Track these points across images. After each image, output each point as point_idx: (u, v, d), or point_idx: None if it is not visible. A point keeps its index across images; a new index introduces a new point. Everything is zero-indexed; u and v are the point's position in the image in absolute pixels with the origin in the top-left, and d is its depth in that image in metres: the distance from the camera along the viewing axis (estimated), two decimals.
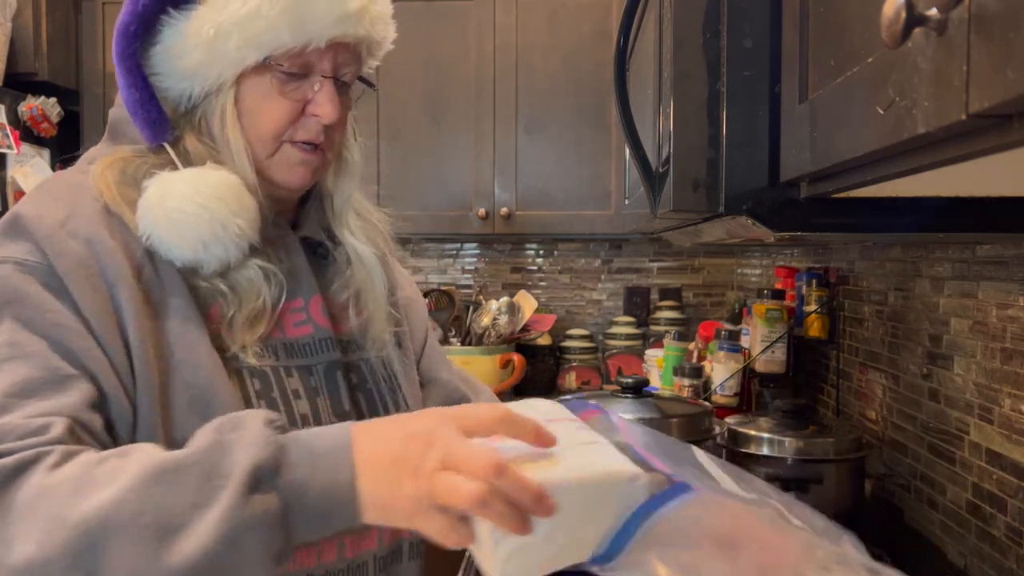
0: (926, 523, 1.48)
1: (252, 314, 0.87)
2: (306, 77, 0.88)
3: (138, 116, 0.87)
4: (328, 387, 0.92)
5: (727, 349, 2.00)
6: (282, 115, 0.88)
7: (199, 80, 0.86)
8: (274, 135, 0.89)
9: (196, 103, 0.88)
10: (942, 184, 0.75)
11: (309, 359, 0.92)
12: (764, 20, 0.87)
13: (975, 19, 0.42)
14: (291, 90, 0.88)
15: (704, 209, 0.94)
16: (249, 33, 0.84)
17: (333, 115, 0.89)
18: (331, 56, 0.89)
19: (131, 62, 0.85)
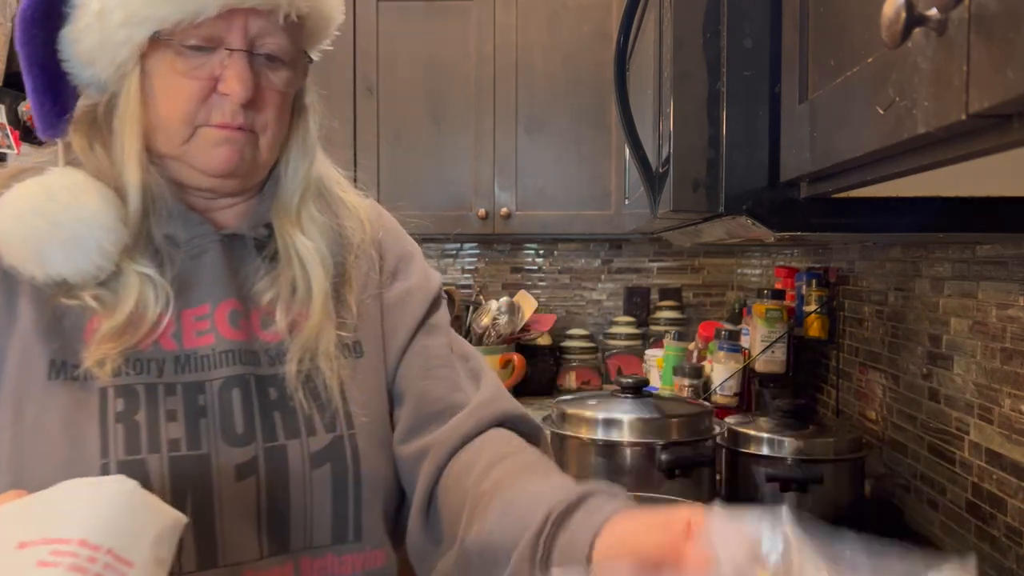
0: (926, 523, 1.48)
1: (121, 325, 0.78)
2: (214, 51, 0.78)
3: (33, 107, 0.80)
4: (221, 406, 0.80)
5: (727, 349, 2.00)
6: (187, 96, 0.78)
7: (101, 65, 0.78)
8: (183, 119, 0.79)
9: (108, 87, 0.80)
10: (942, 184, 0.76)
11: (203, 374, 0.81)
12: (764, 20, 0.87)
13: (975, 19, 0.42)
14: (195, 67, 0.78)
15: (704, 209, 0.94)
16: (131, 7, 0.75)
17: (243, 93, 0.78)
18: (240, 26, 0.78)
19: (29, 48, 0.78)
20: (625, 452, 1.44)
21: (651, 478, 1.42)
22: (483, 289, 3.01)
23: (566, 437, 1.51)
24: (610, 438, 1.45)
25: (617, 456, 1.44)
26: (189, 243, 0.84)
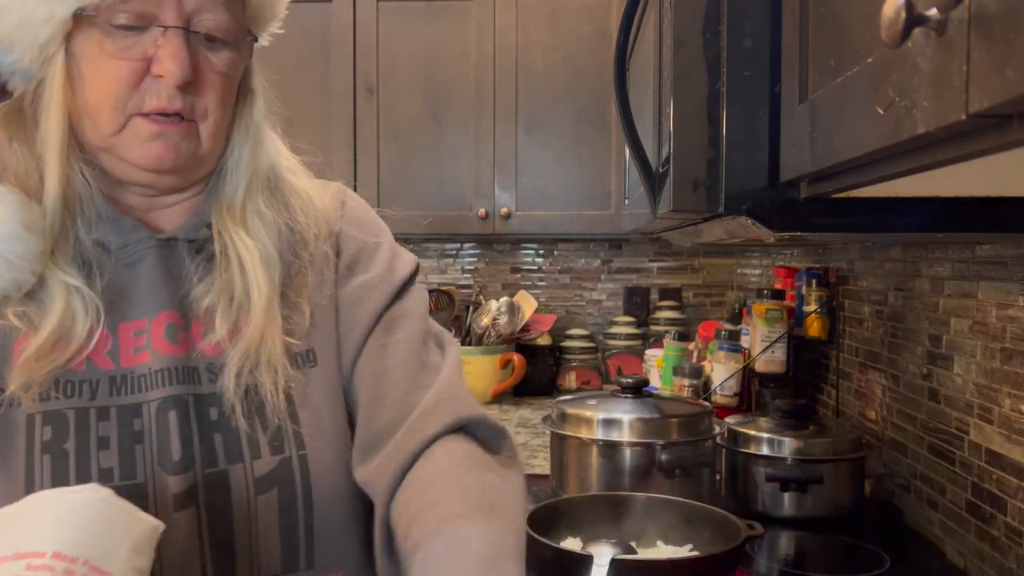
0: (926, 523, 1.48)
1: (48, 343, 0.71)
2: (146, 30, 0.71)
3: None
4: (157, 430, 0.73)
5: (727, 349, 2.00)
6: (117, 78, 0.71)
7: (21, 48, 0.70)
8: (113, 105, 0.72)
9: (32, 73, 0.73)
10: (942, 184, 0.76)
11: (140, 395, 0.74)
12: (764, 20, 0.87)
13: (975, 19, 0.42)
14: (125, 47, 0.71)
15: (704, 209, 0.94)
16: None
17: (179, 73, 0.71)
18: (174, 1, 0.71)
19: None
20: (625, 452, 1.44)
21: (651, 478, 1.42)
22: (483, 289, 3.01)
23: (566, 437, 1.51)
24: (610, 438, 1.45)
25: (617, 456, 1.44)
26: (122, 250, 0.76)
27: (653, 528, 1.22)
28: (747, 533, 1.13)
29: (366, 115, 2.64)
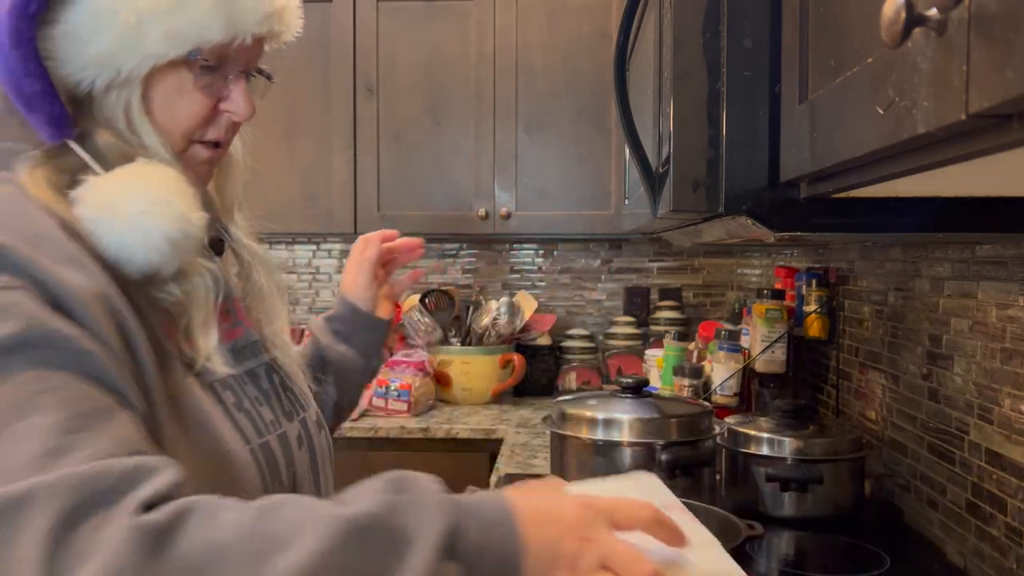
0: (926, 523, 1.48)
1: (204, 321, 0.81)
2: (218, 71, 0.82)
3: (37, 111, 0.76)
4: (272, 390, 0.91)
5: (727, 349, 2.00)
6: (198, 112, 0.82)
7: (107, 69, 0.77)
8: (186, 133, 0.83)
9: (93, 93, 0.79)
10: (942, 184, 0.76)
11: (251, 363, 0.90)
12: (764, 20, 0.87)
13: (975, 19, 0.42)
14: (206, 85, 0.81)
15: (704, 209, 0.94)
16: (174, 25, 0.76)
17: (248, 113, 0.84)
18: (247, 53, 0.83)
19: (30, 48, 0.74)
20: (625, 452, 1.44)
21: None
22: (483, 289, 3.01)
23: (566, 437, 1.51)
24: (610, 438, 1.45)
25: (617, 456, 1.44)
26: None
27: None
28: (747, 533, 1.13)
29: (366, 115, 2.64)
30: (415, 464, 2.50)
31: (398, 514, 0.60)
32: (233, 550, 0.56)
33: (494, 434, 2.34)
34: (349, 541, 0.58)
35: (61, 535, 0.54)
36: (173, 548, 0.55)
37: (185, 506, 0.58)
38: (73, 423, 0.61)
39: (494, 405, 2.69)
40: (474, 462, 2.33)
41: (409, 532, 0.60)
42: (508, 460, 2.01)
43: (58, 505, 0.55)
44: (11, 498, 0.55)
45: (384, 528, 0.60)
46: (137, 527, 0.55)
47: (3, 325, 0.63)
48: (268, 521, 0.59)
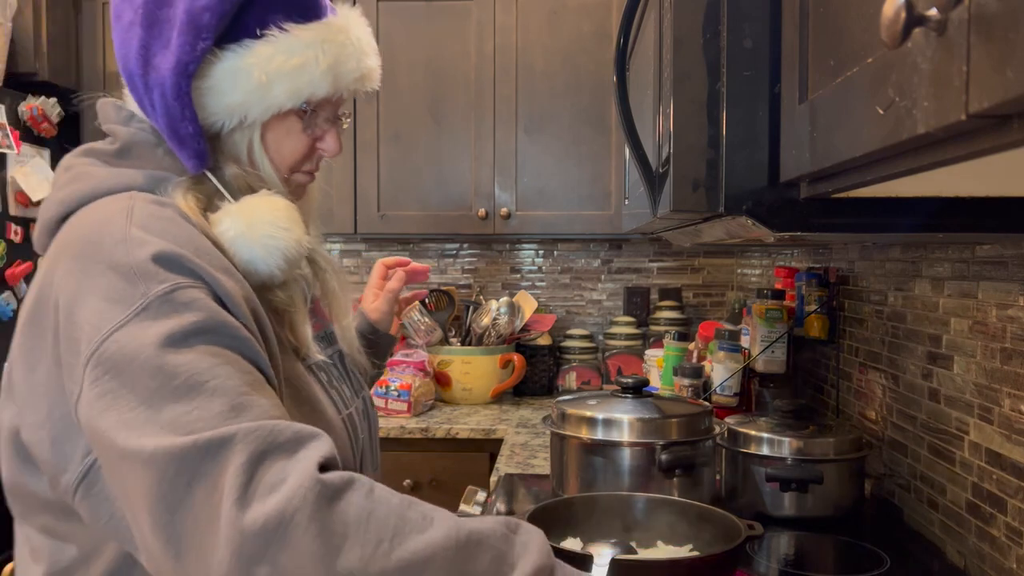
0: (926, 523, 1.48)
1: (303, 317, 1.02)
2: (316, 115, 1.02)
3: (187, 147, 0.93)
4: (344, 372, 1.14)
5: (727, 349, 2.00)
6: (300, 150, 1.02)
7: (237, 115, 0.96)
8: (292, 166, 1.03)
9: (222, 134, 0.98)
10: (942, 184, 0.76)
11: (329, 350, 1.11)
12: (764, 20, 0.87)
13: (975, 19, 0.42)
14: (307, 127, 1.02)
15: (704, 209, 0.94)
16: (296, 83, 0.96)
17: (337, 151, 1.05)
18: (340, 103, 1.05)
19: (187, 99, 0.92)
20: (625, 452, 1.44)
21: (651, 478, 1.42)
22: (483, 289, 3.01)
23: (566, 437, 1.51)
24: (610, 438, 1.45)
25: (617, 456, 1.44)
26: None
27: (653, 528, 1.22)
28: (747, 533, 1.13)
29: (366, 115, 2.64)
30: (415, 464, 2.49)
31: (507, 543, 0.77)
32: (381, 521, 0.73)
33: (494, 434, 2.34)
34: (466, 547, 0.74)
35: (252, 469, 0.72)
36: (339, 504, 0.73)
37: (353, 477, 0.76)
38: (244, 389, 0.79)
39: (494, 405, 2.69)
40: (474, 462, 2.33)
41: (513, 559, 0.76)
42: (508, 460, 2.01)
43: (251, 447, 0.73)
44: (218, 438, 0.74)
45: (494, 548, 0.76)
46: (319, 480, 0.72)
47: (190, 314, 0.81)
48: (410, 508, 0.76)
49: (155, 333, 0.78)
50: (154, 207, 0.89)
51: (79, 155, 0.97)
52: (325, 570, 0.70)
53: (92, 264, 0.83)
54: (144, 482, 0.73)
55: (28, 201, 2.51)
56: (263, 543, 0.69)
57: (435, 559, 0.72)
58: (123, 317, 0.79)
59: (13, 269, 2.47)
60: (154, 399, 0.76)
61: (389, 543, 0.72)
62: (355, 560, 0.71)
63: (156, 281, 0.81)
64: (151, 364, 0.77)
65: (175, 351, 0.78)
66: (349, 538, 0.71)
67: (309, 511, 0.71)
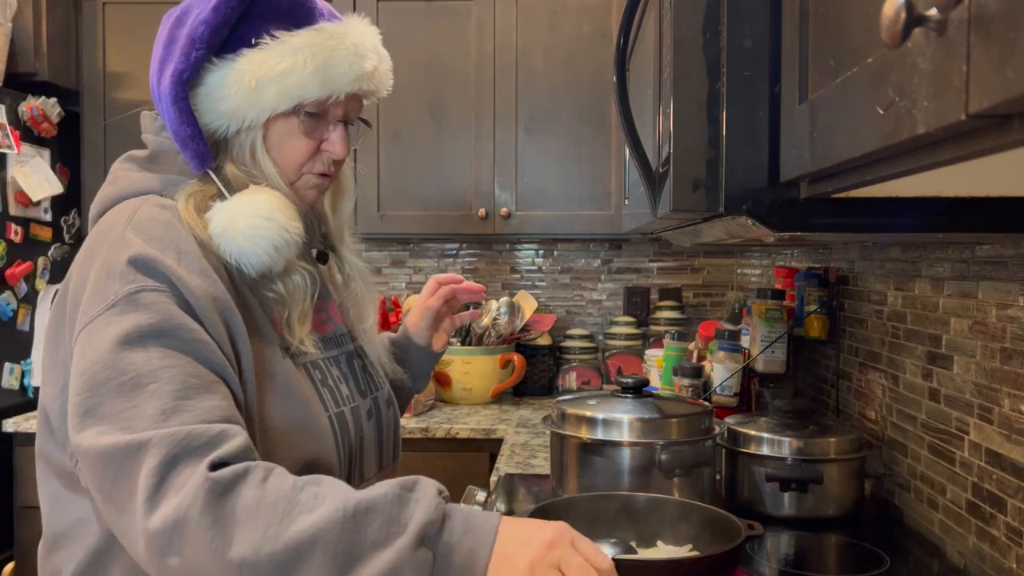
0: (926, 523, 1.48)
1: (301, 314, 1.05)
2: (323, 119, 1.06)
3: (188, 149, 1.01)
4: (351, 373, 1.17)
5: (727, 349, 2.00)
6: (303, 151, 1.06)
7: (235, 119, 1.02)
8: (297, 167, 1.07)
9: (228, 137, 1.04)
10: (942, 184, 0.76)
11: (336, 350, 1.16)
12: (764, 20, 0.87)
13: (975, 19, 0.42)
14: (310, 131, 1.06)
15: (704, 209, 0.94)
16: (284, 86, 1.00)
17: (344, 154, 1.09)
18: (344, 105, 1.07)
19: (184, 103, 1.00)
20: (625, 452, 1.44)
21: (651, 478, 1.42)
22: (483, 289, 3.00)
23: (566, 437, 1.51)
24: (610, 438, 1.45)
25: (617, 456, 1.44)
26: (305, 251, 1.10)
27: (653, 528, 1.21)
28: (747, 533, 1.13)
29: (366, 115, 2.63)
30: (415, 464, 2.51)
31: (400, 503, 0.82)
32: (270, 508, 0.79)
33: (494, 434, 2.34)
34: (354, 517, 0.80)
35: (163, 473, 0.80)
36: (230, 497, 0.80)
37: (245, 469, 0.82)
38: (183, 392, 0.85)
39: (494, 405, 2.69)
40: (474, 462, 2.33)
41: (405, 519, 0.81)
42: (508, 460, 2.01)
43: (164, 452, 0.80)
44: (136, 441, 0.81)
45: (384, 512, 0.81)
46: (207, 478, 0.79)
47: (147, 316, 0.88)
48: (303, 490, 0.81)
49: (114, 331, 0.86)
50: (156, 211, 0.98)
51: (121, 160, 1.08)
52: (220, 559, 0.77)
53: (94, 260, 0.94)
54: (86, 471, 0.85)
55: (28, 201, 2.52)
56: (167, 540, 0.78)
57: (322, 534, 0.78)
58: (96, 311, 0.89)
59: (13, 269, 2.47)
60: (100, 392, 0.84)
61: (277, 526, 0.78)
62: (247, 546, 0.77)
63: (126, 282, 0.89)
64: (105, 358, 0.85)
65: (130, 349, 0.86)
66: (239, 527, 0.78)
67: (200, 507, 0.78)
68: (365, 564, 0.79)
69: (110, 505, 0.83)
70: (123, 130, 2.71)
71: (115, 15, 2.71)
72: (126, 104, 2.72)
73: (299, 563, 0.78)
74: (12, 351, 2.51)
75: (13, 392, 2.51)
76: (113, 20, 2.71)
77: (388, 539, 0.80)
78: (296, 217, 1.03)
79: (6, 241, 2.45)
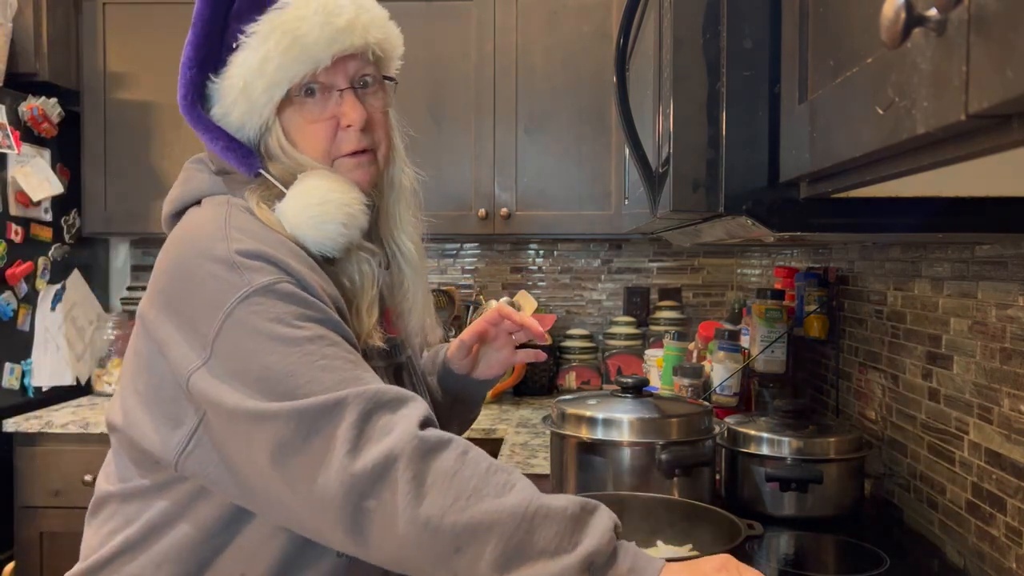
0: (926, 523, 1.48)
1: (370, 303, 1.05)
2: (325, 94, 1.03)
3: (231, 158, 1.03)
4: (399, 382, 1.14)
5: (727, 349, 2.00)
6: (322, 136, 1.04)
7: (248, 125, 1.03)
8: (324, 152, 1.05)
9: (255, 140, 1.05)
10: (942, 184, 0.76)
11: (383, 362, 1.11)
12: (764, 20, 0.87)
13: (975, 19, 0.42)
14: (319, 112, 1.03)
15: (704, 209, 0.94)
16: (266, 76, 0.99)
17: (359, 118, 1.03)
18: (341, 69, 1.03)
19: (203, 123, 1.02)
20: (625, 452, 1.44)
21: (651, 478, 1.42)
22: (483, 289, 3.01)
23: (566, 437, 1.51)
24: (610, 438, 1.45)
25: (617, 456, 1.44)
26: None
27: (653, 528, 1.22)
28: (747, 533, 1.13)
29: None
30: None
31: (577, 523, 0.84)
32: (464, 480, 0.84)
33: (494, 434, 2.34)
34: (534, 518, 0.83)
35: (361, 425, 0.86)
36: (434, 459, 0.85)
37: (451, 438, 0.87)
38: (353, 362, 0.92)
39: (494, 405, 2.69)
40: None
41: (574, 537, 0.83)
42: (508, 460, 2.01)
43: (360, 407, 0.86)
44: (333, 399, 0.87)
45: (561, 525, 0.83)
46: (419, 436, 0.85)
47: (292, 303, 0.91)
48: (496, 474, 0.86)
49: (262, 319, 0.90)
50: (246, 214, 1.01)
51: (192, 161, 1.10)
52: (411, 512, 0.82)
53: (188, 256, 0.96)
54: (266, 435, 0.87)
55: (28, 201, 2.52)
56: (371, 481, 0.83)
57: (501, 522, 0.82)
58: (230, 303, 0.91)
59: (13, 269, 2.47)
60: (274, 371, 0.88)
61: (466, 500, 0.83)
62: (435, 509, 0.82)
63: (257, 273, 0.92)
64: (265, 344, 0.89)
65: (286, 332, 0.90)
66: (434, 489, 0.83)
67: (407, 458, 0.83)
68: (528, 567, 0.81)
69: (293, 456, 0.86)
70: (123, 130, 2.71)
71: (115, 15, 2.71)
72: (126, 104, 2.72)
73: (474, 540, 0.81)
74: (12, 351, 2.51)
75: (13, 392, 2.50)
76: (113, 20, 2.71)
77: (556, 552, 0.82)
78: (351, 189, 1.02)
79: (6, 241, 2.45)
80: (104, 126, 2.71)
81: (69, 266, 2.75)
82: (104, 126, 2.71)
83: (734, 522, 1.15)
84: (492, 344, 1.32)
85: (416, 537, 0.82)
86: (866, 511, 1.59)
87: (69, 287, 2.73)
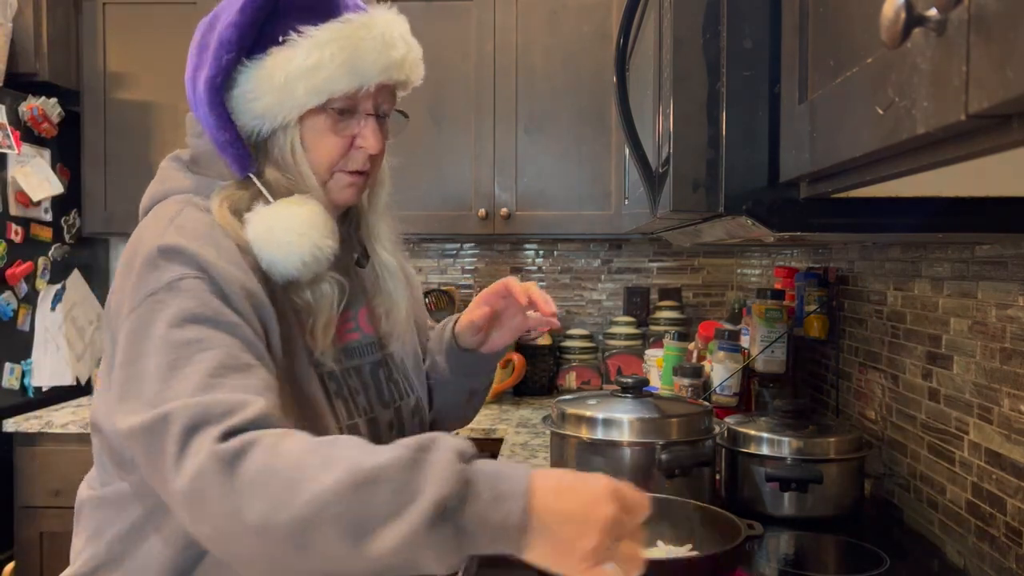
0: (926, 523, 1.48)
1: (326, 323, 1.05)
2: (353, 114, 1.05)
3: (228, 153, 1.02)
4: (374, 383, 1.15)
5: (727, 349, 2.00)
6: (335, 150, 1.05)
7: (268, 119, 1.02)
8: (329, 167, 1.06)
9: (264, 138, 1.04)
10: (942, 184, 0.76)
11: (358, 360, 1.13)
12: (764, 20, 0.87)
13: (975, 19, 0.42)
14: (342, 128, 1.05)
15: (704, 209, 0.94)
16: (313, 81, 1.00)
17: (377, 147, 1.07)
18: (375, 96, 1.06)
19: (221, 108, 1.01)
20: (625, 452, 1.44)
21: (651, 478, 1.42)
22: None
23: (566, 437, 1.51)
24: (610, 438, 1.45)
25: (617, 456, 1.44)
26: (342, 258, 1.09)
27: (653, 528, 1.22)
28: (747, 533, 1.13)
29: None
30: None
31: (413, 470, 0.77)
32: (279, 474, 0.79)
33: (494, 434, 2.34)
34: (363, 485, 0.77)
35: (184, 440, 0.82)
36: (239, 466, 0.80)
37: (254, 438, 0.82)
38: (219, 372, 0.87)
39: (494, 405, 2.69)
40: None
41: (416, 486, 0.76)
42: (508, 460, 2.01)
43: (184, 420, 0.83)
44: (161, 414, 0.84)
45: (394, 480, 0.77)
46: (215, 450, 0.81)
47: (188, 301, 0.91)
48: (311, 453, 0.80)
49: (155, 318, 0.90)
50: (198, 213, 1.00)
51: (168, 159, 1.11)
52: (238, 526, 0.79)
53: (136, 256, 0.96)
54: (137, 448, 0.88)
55: (28, 201, 2.52)
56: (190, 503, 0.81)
57: (328, 503, 0.76)
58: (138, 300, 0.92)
59: (13, 269, 2.47)
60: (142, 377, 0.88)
61: (288, 495, 0.78)
62: (257, 515, 0.78)
63: (167, 271, 0.92)
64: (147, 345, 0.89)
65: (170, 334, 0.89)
66: (249, 495, 0.79)
67: (211, 474, 0.80)
68: (378, 536, 0.75)
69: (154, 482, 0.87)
70: (123, 130, 2.71)
71: (115, 15, 2.71)
72: (126, 104, 2.72)
73: (311, 532, 0.77)
74: (12, 351, 2.51)
75: (13, 392, 2.51)
76: (113, 20, 2.71)
77: (400, 509, 0.75)
78: (331, 234, 1.03)
79: (6, 241, 2.45)
80: (104, 126, 2.72)
81: (69, 266, 2.75)
82: (104, 126, 2.72)
83: (734, 522, 1.15)
84: (502, 316, 1.27)
85: (258, 547, 0.79)
86: (866, 511, 1.59)
87: (69, 287, 2.73)
